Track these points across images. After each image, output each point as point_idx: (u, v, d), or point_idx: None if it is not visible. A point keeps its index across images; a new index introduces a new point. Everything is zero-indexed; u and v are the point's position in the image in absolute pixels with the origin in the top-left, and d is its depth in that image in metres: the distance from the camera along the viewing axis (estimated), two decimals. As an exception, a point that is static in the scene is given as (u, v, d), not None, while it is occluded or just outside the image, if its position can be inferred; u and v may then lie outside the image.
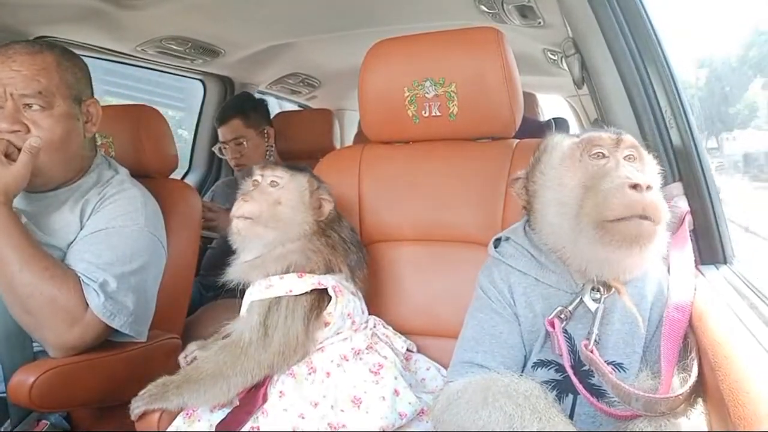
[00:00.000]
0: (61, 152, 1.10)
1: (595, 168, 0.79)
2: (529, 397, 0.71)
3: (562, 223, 0.79)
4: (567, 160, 0.82)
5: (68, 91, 1.11)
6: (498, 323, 0.83)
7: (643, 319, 0.78)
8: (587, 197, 0.76)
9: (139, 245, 1.12)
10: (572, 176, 0.80)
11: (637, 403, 0.69)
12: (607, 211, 0.73)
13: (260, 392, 0.96)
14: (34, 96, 1.05)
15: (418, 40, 1.18)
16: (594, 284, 0.79)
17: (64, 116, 1.09)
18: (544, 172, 0.84)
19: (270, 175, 1.02)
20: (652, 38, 1.03)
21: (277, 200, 1.00)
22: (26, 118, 1.06)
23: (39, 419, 1.05)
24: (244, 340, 0.94)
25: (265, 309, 0.95)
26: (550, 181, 0.83)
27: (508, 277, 0.86)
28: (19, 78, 1.04)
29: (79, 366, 1.02)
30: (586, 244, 0.76)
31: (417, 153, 1.21)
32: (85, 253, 1.06)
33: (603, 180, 0.76)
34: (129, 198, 1.16)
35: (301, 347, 0.94)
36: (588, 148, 0.81)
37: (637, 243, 0.73)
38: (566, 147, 0.84)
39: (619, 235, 0.73)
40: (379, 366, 0.95)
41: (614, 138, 0.81)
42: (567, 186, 0.80)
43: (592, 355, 0.74)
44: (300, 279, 0.96)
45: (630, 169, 0.77)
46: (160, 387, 0.96)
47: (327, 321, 0.97)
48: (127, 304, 1.06)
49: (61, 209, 1.13)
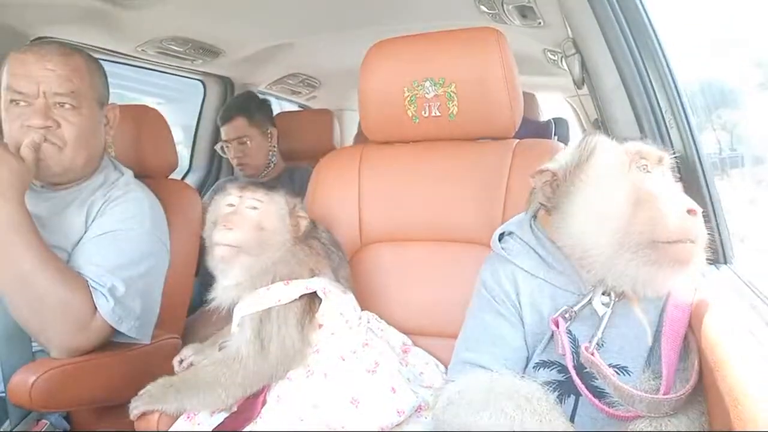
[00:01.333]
0: (86, 150, 1.13)
1: (641, 181, 0.76)
2: (530, 399, 0.71)
3: (598, 233, 0.75)
4: (614, 168, 0.78)
5: (95, 93, 1.14)
6: (501, 325, 0.83)
7: (651, 326, 0.78)
8: (638, 215, 0.73)
9: (146, 249, 1.12)
10: (620, 188, 0.76)
11: (640, 404, 0.69)
12: (664, 232, 0.71)
13: (259, 398, 0.95)
14: (68, 95, 1.08)
15: (418, 40, 1.18)
16: (606, 288, 0.78)
17: (90, 117, 1.13)
18: (586, 176, 0.79)
19: (249, 198, 1.00)
20: (652, 38, 1.03)
21: (258, 225, 0.97)
22: (56, 114, 1.08)
23: (39, 419, 1.05)
24: (241, 354, 0.93)
25: (257, 322, 0.94)
26: (591, 187, 0.78)
27: (515, 277, 0.84)
28: (53, 77, 1.07)
29: (79, 366, 1.01)
30: (628, 260, 0.73)
31: (417, 153, 1.21)
32: (93, 256, 1.07)
33: (658, 200, 0.74)
34: (135, 200, 1.16)
35: (299, 354, 0.94)
36: (635, 159, 0.78)
37: (686, 266, 0.73)
38: (613, 155, 0.80)
39: (670, 257, 0.72)
40: (375, 364, 0.95)
41: (660, 155, 0.80)
42: (614, 198, 0.76)
43: (592, 358, 0.74)
44: (287, 287, 0.95)
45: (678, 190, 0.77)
46: (160, 388, 0.95)
47: (320, 323, 0.97)
48: (135, 308, 1.06)
49: (66, 210, 1.13)
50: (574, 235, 0.78)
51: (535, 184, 0.85)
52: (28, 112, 1.06)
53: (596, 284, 0.79)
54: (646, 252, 0.72)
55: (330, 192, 1.23)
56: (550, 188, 0.83)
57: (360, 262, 1.18)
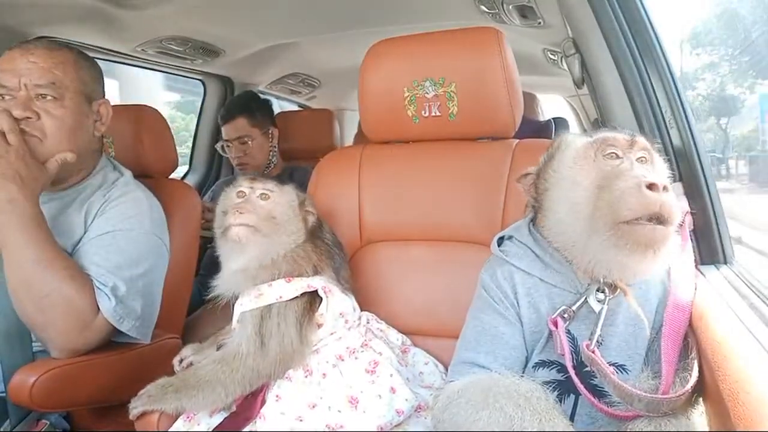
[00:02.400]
0: (70, 144, 1.11)
1: (609, 168, 0.78)
2: (530, 398, 0.71)
3: (574, 222, 0.78)
4: (581, 159, 0.81)
5: (81, 87, 1.13)
6: (500, 324, 0.83)
7: (648, 321, 0.78)
8: (601, 197, 0.75)
9: (146, 248, 1.12)
10: (586, 175, 0.79)
11: (639, 403, 0.70)
12: (623, 211, 0.72)
13: (258, 398, 0.96)
14: (48, 86, 1.08)
15: (418, 40, 1.18)
16: (599, 285, 0.79)
17: (74, 110, 1.11)
18: (556, 170, 0.83)
19: (260, 188, 1.01)
20: (652, 38, 1.03)
21: (270, 213, 0.98)
22: (38, 106, 1.07)
23: (39, 419, 1.05)
24: (241, 351, 0.93)
25: (258, 318, 0.94)
26: (563, 180, 0.82)
27: (512, 276, 0.85)
28: (35, 69, 1.07)
29: (79, 366, 1.01)
30: (598, 245, 0.75)
31: (417, 153, 1.21)
32: (94, 256, 1.07)
33: (618, 180, 0.75)
34: (134, 200, 1.16)
35: (298, 352, 0.94)
36: (602, 148, 0.80)
37: (651, 248, 0.72)
38: (580, 146, 0.83)
39: (633, 239, 0.72)
40: (374, 364, 0.95)
41: (628, 139, 0.80)
42: (581, 185, 0.78)
43: (593, 356, 0.74)
44: (289, 284, 0.96)
45: (645, 169, 0.76)
46: (159, 389, 0.95)
47: (320, 322, 0.97)
48: (136, 308, 1.06)
49: (66, 211, 1.13)
50: (554, 227, 0.82)
51: (521, 188, 0.89)
52: (11, 105, 1.06)
53: (590, 281, 0.79)
54: (612, 234, 0.73)
55: (330, 192, 1.23)
56: (534, 189, 0.87)
57: (360, 261, 1.18)
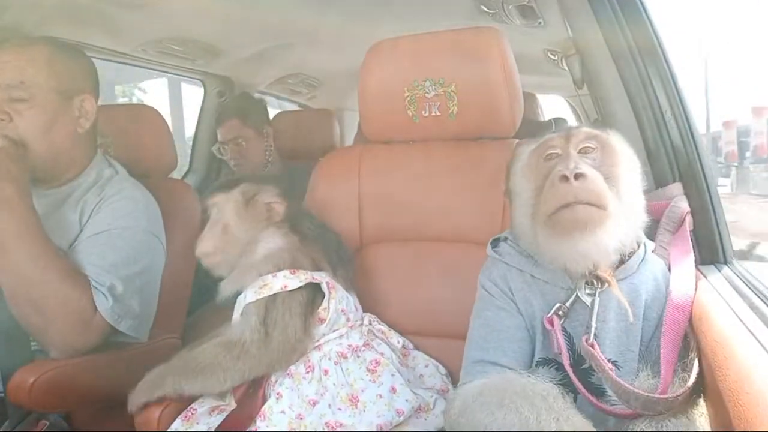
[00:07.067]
0: (45, 144, 1.09)
1: (546, 169, 0.81)
2: (546, 397, 0.70)
3: (524, 226, 0.84)
4: (526, 168, 0.86)
5: (57, 84, 1.10)
6: (504, 318, 0.84)
7: (637, 315, 0.79)
8: (537, 198, 0.81)
9: (142, 247, 1.12)
10: (528, 182, 0.84)
11: (636, 401, 0.69)
12: (545, 207, 0.78)
13: (259, 394, 0.96)
14: (17, 87, 1.05)
15: (418, 40, 1.18)
16: (587, 278, 0.80)
17: (47, 109, 1.08)
18: (511, 182, 0.90)
19: (212, 204, 1.06)
20: (652, 38, 1.03)
21: (224, 226, 1.03)
22: (10, 107, 1.06)
23: (38, 419, 1.04)
24: (245, 339, 0.94)
25: (263, 309, 0.95)
26: (515, 190, 0.88)
27: (506, 274, 0.87)
28: (7, 69, 1.06)
29: (79, 366, 1.01)
30: (544, 240, 0.79)
31: (417, 153, 1.21)
32: (90, 255, 1.06)
33: (546, 179, 0.79)
34: (130, 198, 1.16)
35: (300, 344, 0.95)
36: (542, 152, 0.84)
37: (576, 227, 0.75)
38: (525, 155, 0.87)
39: (560, 224, 0.76)
40: (375, 363, 0.95)
41: (563, 135, 0.83)
42: (525, 191, 0.84)
43: (592, 350, 0.74)
44: (293, 275, 0.97)
45: (572, 161, 0.78)
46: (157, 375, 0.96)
47: (322, 317, 0.98)
48: (134, 306, 1.06)
49: (60, 209, 1.13)
50: (517, 234, 0.88)
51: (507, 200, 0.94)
52: None
53: (577, 276, 0.80)
54: (548, 228, 0.77)
55: (330, 192, 1.23)
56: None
57: (360, 262, 1.18)
